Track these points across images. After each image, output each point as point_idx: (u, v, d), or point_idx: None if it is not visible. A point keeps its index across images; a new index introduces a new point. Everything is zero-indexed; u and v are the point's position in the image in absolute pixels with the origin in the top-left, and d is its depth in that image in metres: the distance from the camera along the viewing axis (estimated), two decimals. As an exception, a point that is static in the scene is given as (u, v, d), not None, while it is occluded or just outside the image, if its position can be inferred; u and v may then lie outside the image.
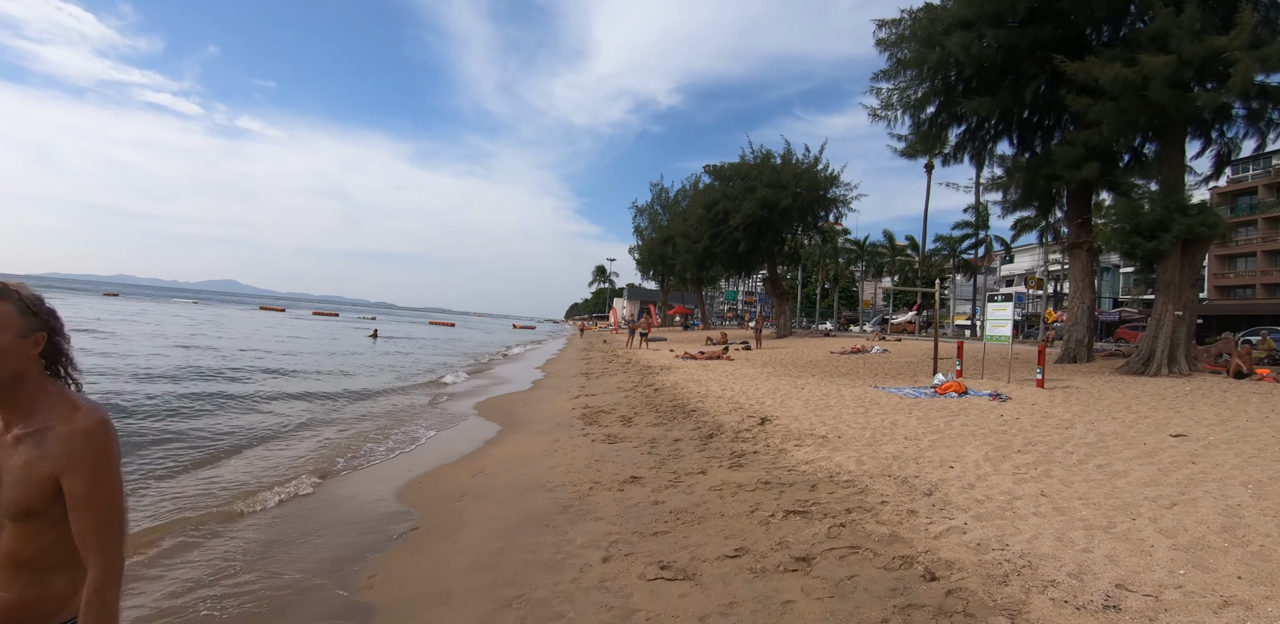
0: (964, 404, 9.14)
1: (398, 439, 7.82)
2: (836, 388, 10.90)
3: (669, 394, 10.42)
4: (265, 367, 15.40)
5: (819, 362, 17.75)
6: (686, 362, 18.23)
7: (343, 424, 8.90)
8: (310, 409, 9.96)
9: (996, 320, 11.55)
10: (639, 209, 54.24)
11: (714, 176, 34.76)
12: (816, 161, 33.14)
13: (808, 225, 35.17)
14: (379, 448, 7.23)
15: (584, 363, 19.94)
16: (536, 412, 9.88)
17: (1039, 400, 9.41)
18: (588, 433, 7.60)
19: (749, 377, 13.13)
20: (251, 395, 10.89)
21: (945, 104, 18.77)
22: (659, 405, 9.25)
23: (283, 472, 6.13)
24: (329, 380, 13.97)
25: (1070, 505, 4.25)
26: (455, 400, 11.60)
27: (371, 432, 8.27)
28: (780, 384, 11.48)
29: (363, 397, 11.72)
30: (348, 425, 8.81)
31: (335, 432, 8.33)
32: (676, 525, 4.13)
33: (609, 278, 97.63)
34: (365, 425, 8.76)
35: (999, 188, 18.79)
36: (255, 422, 8.70)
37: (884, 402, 9.33)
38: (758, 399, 9.48)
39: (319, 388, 12.43)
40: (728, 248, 33.40)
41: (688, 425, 7.57)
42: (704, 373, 14.29)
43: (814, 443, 6.39)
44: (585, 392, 11.86)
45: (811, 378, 12.93)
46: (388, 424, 8.93)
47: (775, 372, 14.57)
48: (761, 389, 10.58)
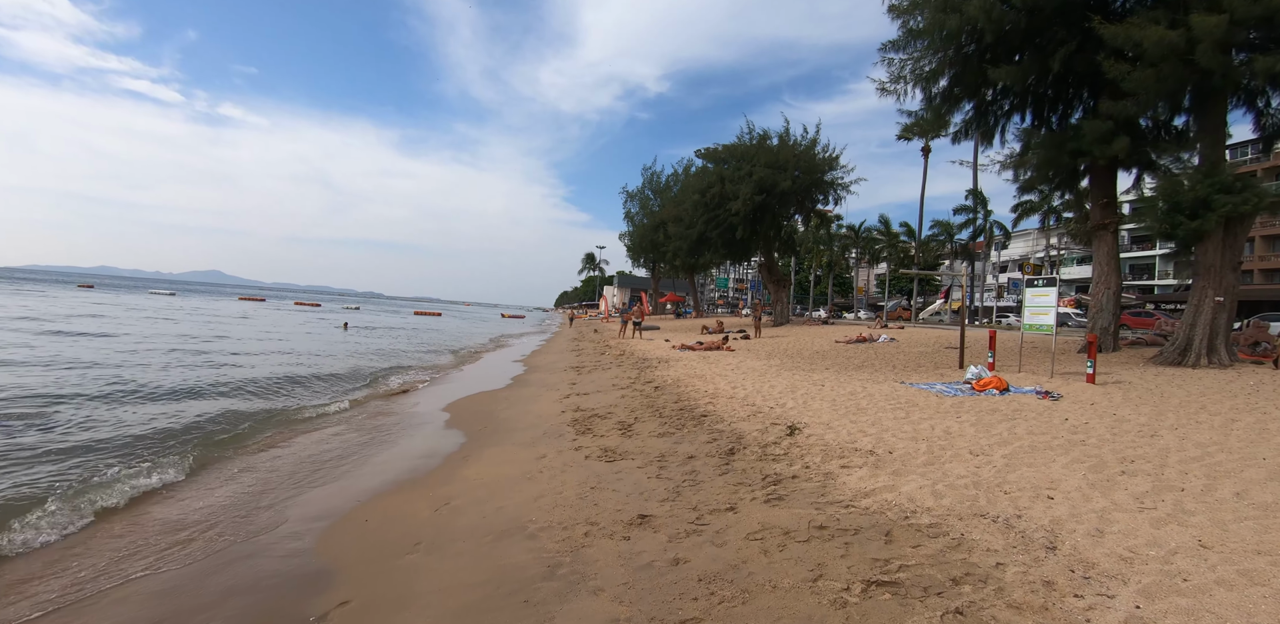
0: (1013, 404, 7.95)
1: (339, 451, 6.49)
2: (860, 384, 9.68)
3: (672, 393, 9.15)
4: (184, 360, 13.70)
5: (826, 352, 16.55)
6: (684, 353, 16.99)
7: (263, 432, 7.55)
8: (230, 408, 8.58)
9: (1037, 307, 10.34)
10: (629, 194, 52.64)
11: (708, 159, 33.29)
12: (814, 143, 31.81)
13: (805, 210, 33.88)
14: (308, 469, 5.90)
15: (574, 355, 18.64)
16: (519, 415, 8.58)
17: (1096, 399, 8.24)
18: (580, 445, 6.32)
19: (757, 371, 11.89)
20: (123, 393, 9.23)
21: (960, 76, 17.46)
22: (662, 408, 7.98)
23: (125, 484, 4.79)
24: (265, 371, 12.52)
25: (1254, 565, 3.03)
26: (423, 400, 10.27)
27: (304, 447, 6.92)
28: (795, 380, 10.24)
29: (298, 394, 10.35)
30: (270, 434, 7.46)
31: (248, 456, 6.98)
32: (711, 606, 2.86)
33: (598, 265, 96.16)
34: (298, 442, 7.40)
35: (1017, 166, 17.53)
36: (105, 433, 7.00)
37: (920, 401, 8.11)
38: (775, 399, 8.23)
39: (250, 381, 11.01)
40: (723, 233, 32.05)
41: (701, 436, 6.30)
42: (706, 366, 13.04)
43: (863, 462, 5.14)
44: (576, 390, 10.56)
45: (826, 372, 11.72)
46: (334, 432, 7.59)
47: (784, 364, 13.35)
48: (777, 386, 9.33)
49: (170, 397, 9.32)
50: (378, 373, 13.82)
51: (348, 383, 12.13)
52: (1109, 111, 13.97)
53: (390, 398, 10.53)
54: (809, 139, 31.92)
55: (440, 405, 9.67)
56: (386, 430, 7.82)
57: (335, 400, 9.78)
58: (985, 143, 21.00)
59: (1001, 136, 19.83)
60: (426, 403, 9.96)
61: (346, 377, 12.95)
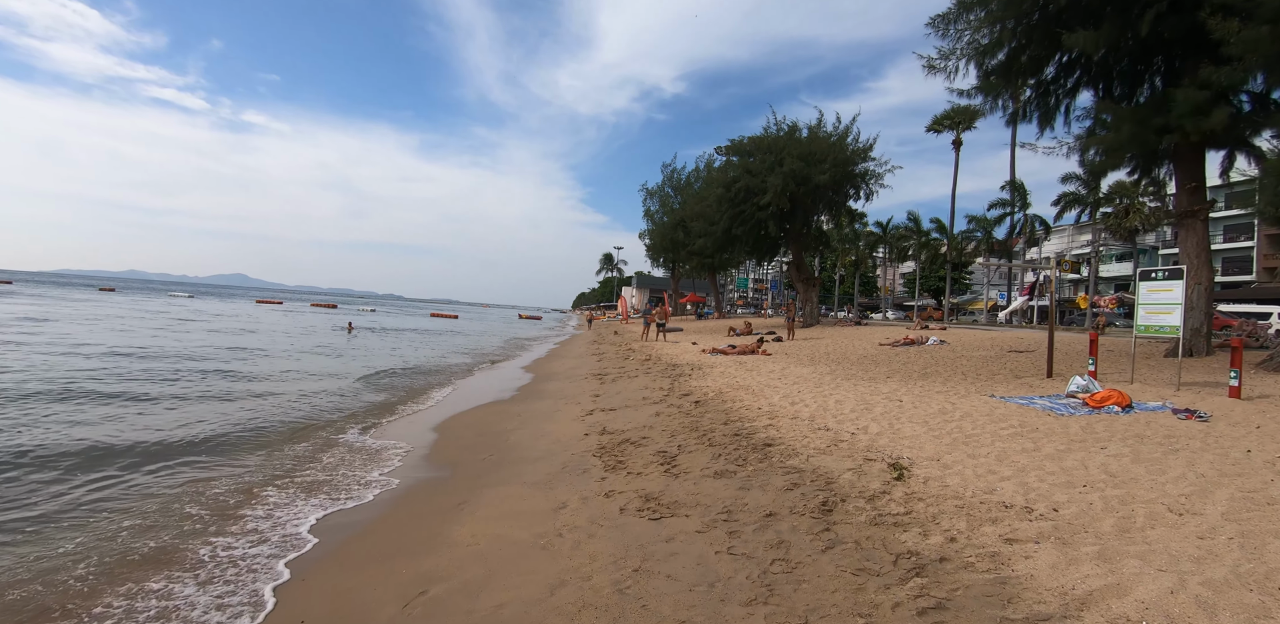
0: (1153, 427, 6.23)
1: (286, 494, 5.00)
2: (943, 398, 7.99)
3: (718, 410, 7.54)
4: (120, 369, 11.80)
5: (875, 357, 14.81)
6: (717, 358, 15.36)
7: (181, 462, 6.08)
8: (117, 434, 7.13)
9: (1156, 305, 8.55)
10: (649, 192, 51.02)
11: (734, 152, 31.55)
12: (846, 133, 29.90)
13: (836, 204, 31.96)
14: (231, 530, 4.39)
15: (595, 359, 17.09)
16: (532, 439, 7.04)
17: (1257, 419, 6.48)
18: (611, 488, 4.75)
19: (810, 380, 10.22)
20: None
21: (1022, 48, 15.69)
22: (710, 431, 6.38)
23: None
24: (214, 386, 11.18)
25: None
26: (419, 411, 8.78)
27: (241, 486, 5.44)
28: (862, 392, 8.57)
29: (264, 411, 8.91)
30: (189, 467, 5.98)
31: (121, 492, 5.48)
32: None
33: (616, 266, 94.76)
34: (238, 477, 5.92)
35: (1092, 147, 15.56)
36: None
37: (1035, 422, 6.42)
38: (852, 421, 6.58)
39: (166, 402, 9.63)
40: (751, 230, 30.29)
41: (774, 477, 4.69)
42: (747, 374, 11.40)
43: (1031, 528, 3.49)
44: (600, 404, 9.00)
45: (889, 381, 10.02)
46: (284, 465, 6.10)
47: (835, 371, 11.66)
48: (845, 402, 7.67)
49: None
50: (368, 378, 12.41)
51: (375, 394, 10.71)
52: (1208, 79, 12.11)
53: (382, 412, 9.06)
54: (840, 130, 30.03)
55: (433, 422, 8.17)
56: (362, 463, 6.33)
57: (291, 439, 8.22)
58: (1044, 126, 18.99)
59: (1066, 117, 17.97)
60: (420, 418, 8.46)
61: (325, 394, 11.53)
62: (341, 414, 8.83)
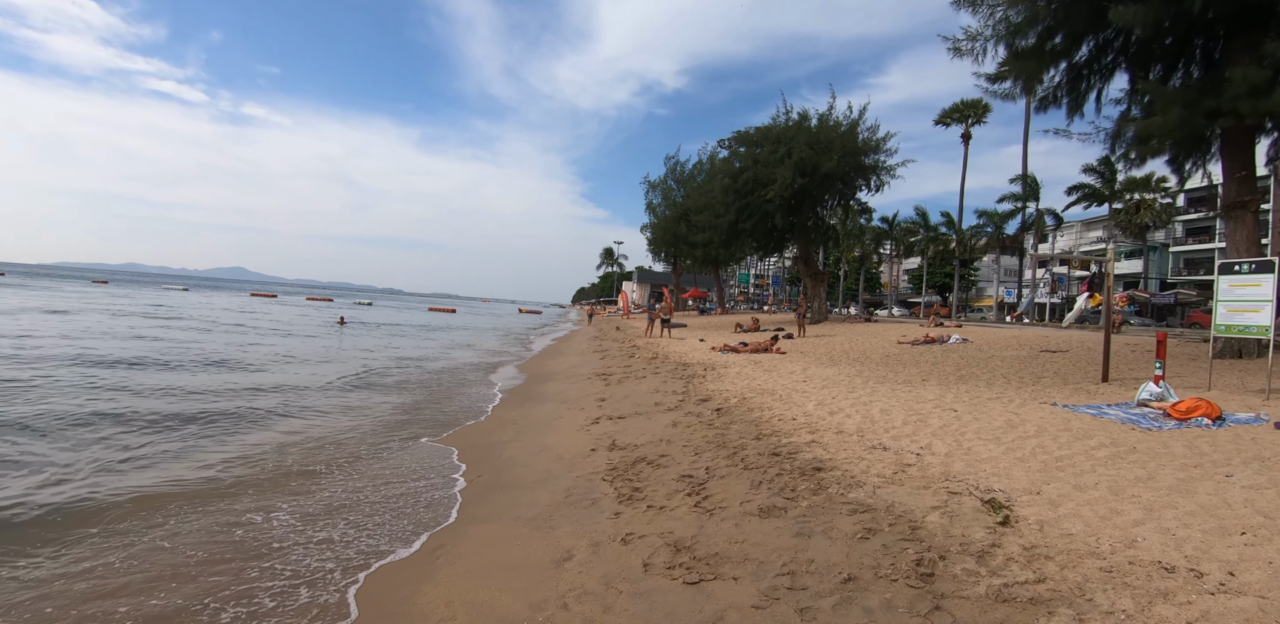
0: (1265, 445, 5.23)
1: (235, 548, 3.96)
2: (1000, 407, 6.96)
3: (744, 419, 6.52)
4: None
5: (899, 356, 13.80)
6: (729, 356, 14.35)
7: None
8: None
9: (1240, 302, 7.52)
10: (651, 184, 49.81)
11: (741, 142, 30.42)
12: (856, 125, 28.73)
13: (845, 197, 30.85)
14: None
15: (598, 357, 16.07)
16: (529, 454, 6.02)
17: (1387, 436, 5.48)
18: (630, 531, 3.73)
19: (837, 382, 9.20)
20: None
21: (1059, 24, 14.64)
22: (740, 448, 5.37)
23: None
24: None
25: None
26: (398, 425, 7.75)
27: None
28: (903, 398, 7.55)
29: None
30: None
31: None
32: None
33: (617, 261, 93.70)
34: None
35: (1139, 129, 14.48)
36: None
37: (1124, 439, 5.41)
38: (905, 434, 5.56)
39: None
40: (758, 222, 29.21)
41: (838, 517, 3.67)
42: (767, 376, 10.38)
43: (1216, 607, 2.51)
44: (607, 410, 7.97)
45: (927, 385, 9.01)
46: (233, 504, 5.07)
47: (862, 372, 10.64)
48: (891, 412, 6.64)
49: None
50: (354, 377, 11.39)
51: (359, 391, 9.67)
52: (1274, 54, 11.08)
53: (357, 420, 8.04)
54: (850, 120, 28.87)
55: (405, 428, 7.15)
56: (323, 475, 5.31)
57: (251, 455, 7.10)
58: (1074, 112, 17.90)
59: (1098, 102, 16.91)
60: (387, 421, 7.44)
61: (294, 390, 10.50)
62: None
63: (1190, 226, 54.73)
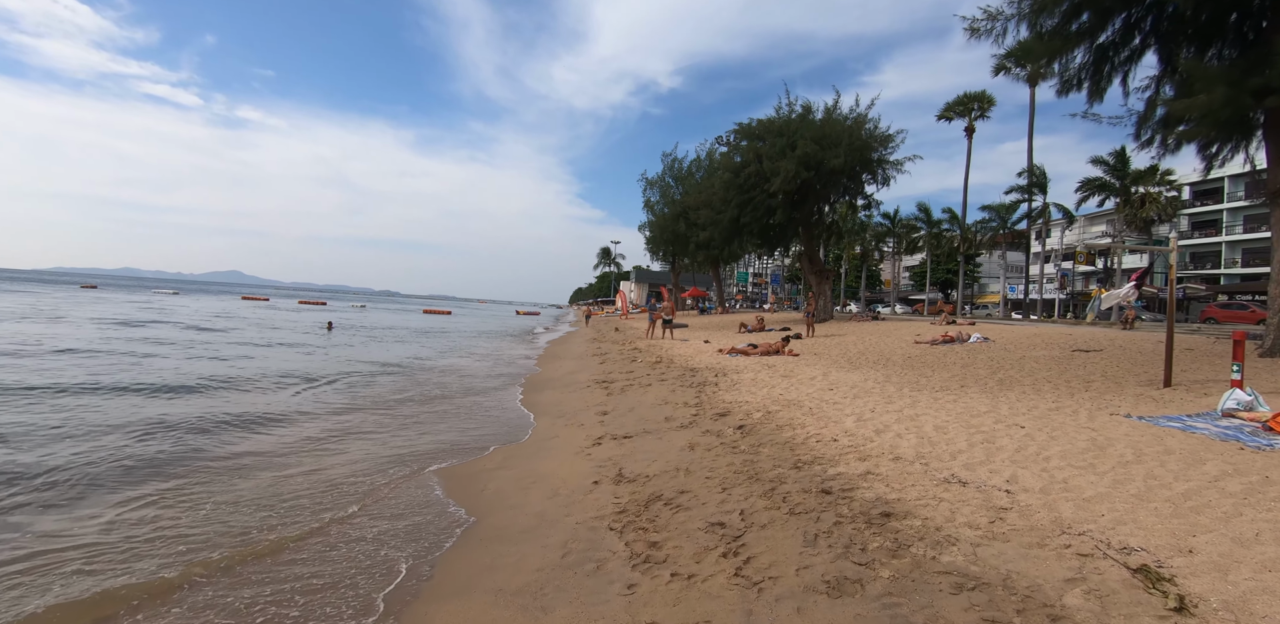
0: None
1: None
2: (1070, 420, 5.96)
3: (774, 440, 5.51)
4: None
5: (923, 358, 12.81)
6: (738, 359, 13.35)
7: None
8: None
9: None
10: (649, 182, 48.73)
11: (743, 135, 29.42)
12: (863, 119, 27.73)
13: (851, 191, 29.86)
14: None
15: (598, 361, 15.04)
16: (518, 488, 4.98)
17: None
18: (646, 612, 2.73)
19: (869, 390, 8.19)
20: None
21: (1083, 4, 13.69)
22: (778, 480, 4.36)
23: None
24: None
25: None
26: (354, 449, 6.71)
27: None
28: (951, 410, 6.54)
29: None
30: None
31: None
32: None
33: (614, 260, 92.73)
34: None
35: (1180, 111, 13.48)
36: None
37: (1248, 465, 4.41)
38: (978, 461, 4.56)
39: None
40: (760, 218, 28.23)
41: (939, 597, 2.66)
42: (785, 382, 9.36)
43: None
44: (610, 427, 6.96)
45: (968, 391, 8.01)
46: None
47: (889, 377, 9.64)
48: (947, 429, 5.63)
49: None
50: (331, 379, 10.34)
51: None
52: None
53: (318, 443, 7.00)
54: (856, 114, 27.88)
55: (387, 454, 6.12)
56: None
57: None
58: (1095, 97, 16.91)
59: (1124, 85, 15.94)
60: (360, 453, 6.40)
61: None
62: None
63: (1196, 220, 53.90)
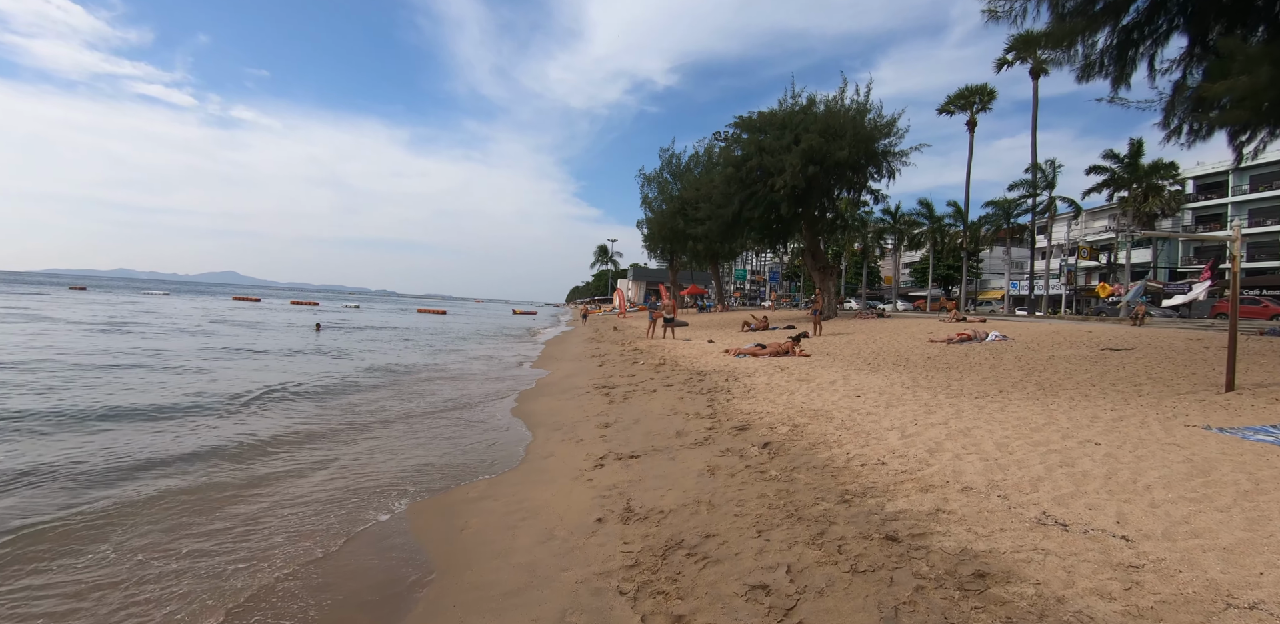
0: None
1: None
2: (1147, 434, 5.13)
3: (809, 463, 4.67)
4: None
5: (944, 358, 11.98)
6: (745, 360, 12.52)
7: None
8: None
9: None
10: (647, 177, 47.81)
11: (744, 129, 28.55)
12: (865, 108, 26.91)
13: (856, 185, 29.00)
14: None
15: (597, 364, 14.18)
16: (505, 528, 4.10)
17: None
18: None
19: (900, 398, 7.34)
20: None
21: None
22: (823, 518, 3.52)
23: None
24: None
25: None
26: (313, 479, 5.84)
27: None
28: (1006, 421, 5.70)
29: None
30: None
31: None
32: None
33: (611, 259, 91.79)
34: None
35: (1220, 93, 12.65)
36: None
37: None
38: (1066, 493, 3.72)
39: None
40: (763, 213, 27.38)
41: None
42: (803, 387, 8.51)
43: None
44: (614, 444, 6.09)
45: (1009, 397, 7.17)
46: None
47: (915, 381, 8.80)
48: (1011, 447, 4.79)
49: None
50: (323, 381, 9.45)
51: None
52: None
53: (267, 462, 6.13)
54: (858, 104, 27.06)
55: (349, 485, 5.24)
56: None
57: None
58: (1119, 83, 16.03)
59: (1150, 69, 15.13)
60: (314, 484, 5.52)
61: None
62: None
63: (1200, 214, 53.28)
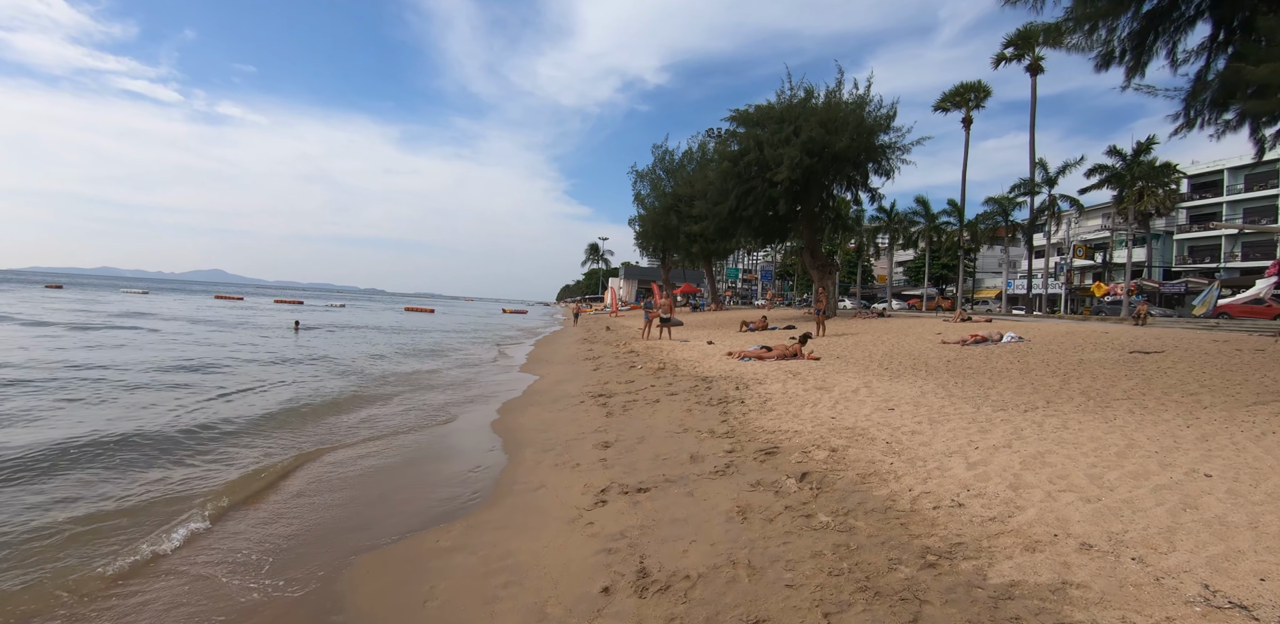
0: None
1: None
2: (1255, 459, 4.28)
3: (860, 502, 3.73)
4: None
5: (966, 362, 11.12)
6: (750, 364, 11.61)
7: None
8: None
9: None
10: (639, 174, 46.88)
11: (741, 122, 27.68)
12: (864, 101, 26.10)
13: (855, 182, 28.18)
14: None
15: (591, 367, 13.21)
16: (476, 602, 3.13)
17: None
18: None
19: (944, 412, 6.44)
20: None
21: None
22: (905, 592, 2.61)
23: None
24: None
25: None
26: (218, 535, 4.84)
27: None
28: (1074, 442, 4.81)
29: None
30: None
31: None
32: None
33: (603, 257, 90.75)
34: None
35: (1263, 77, 11.84)
36: None
37: None
38: (1217, 552, 2.84)
39: None
40: (761, 209, 26.52)
41: None
42: (825, 397, 7.60)
43: None
44: (615, 471, 5.12)
45: (1060, 408, 6.30)
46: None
47: (950, 390, 7.92)
48: (1108, 481, 3.87)
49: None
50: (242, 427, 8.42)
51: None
52: None
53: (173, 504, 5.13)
54: (856, 97, 26.25)
55: (284, 531, 4.26)
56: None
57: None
58: (1134, 71, 15.19)
59: (1171, 57, 14.38)
60: (236, 534, 4.52)
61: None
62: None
63: (1195, 213, 53.07)
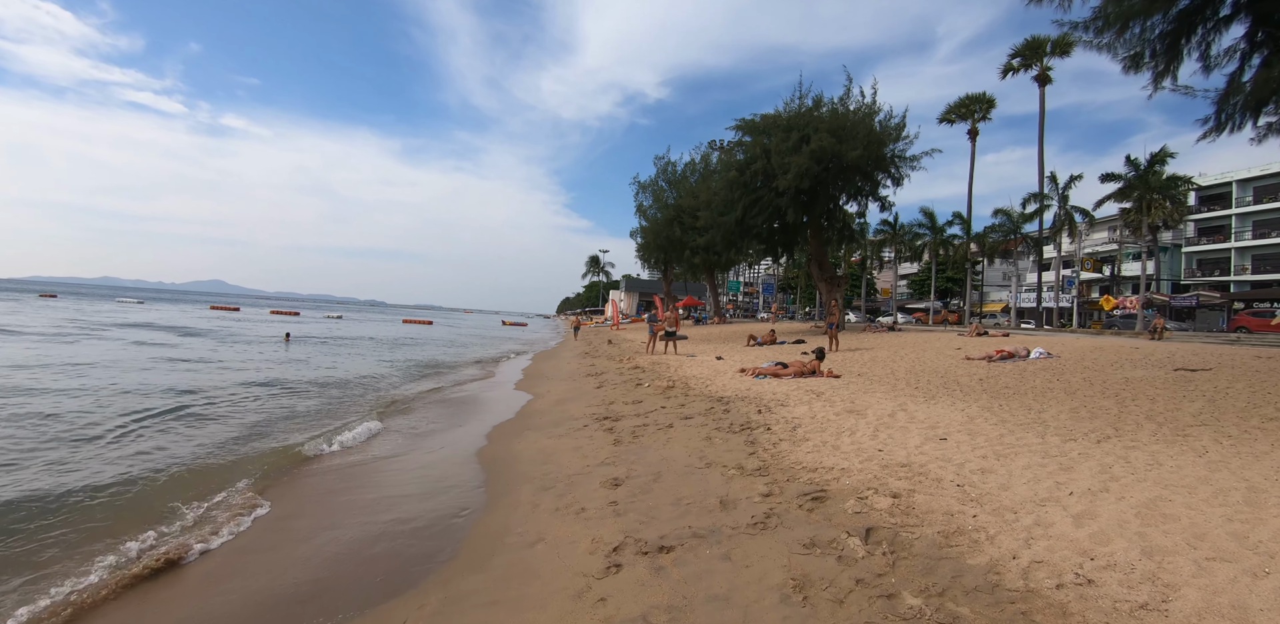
0: None
1: None
2: None
3: (951, 572, 2.88)
4: None
5: (1000, 380, 10.23)
6: (766, 382, 10.73)
7: None
8: None
9: None
10: (641, 185, 46.27)
11: (747, 131, 27.03)
12: (873, 110, 25.47)
13: (864, 192, 27.47)
14: None
15: (594, 384, 12.30)
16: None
17: None
18: None
19: (1007, 443, 5.55)
20: None
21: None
22: None
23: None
24: None
25: None
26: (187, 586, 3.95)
27: None
28: (1186, 485, 3.91)
29: None
30: None
31: None
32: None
33: (603, 269, 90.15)
34: None
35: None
36: None
37: None
38: None
39: None
40: (768, 220, 25.77)
41: None
42: (865, 425, 6.72)
43: None
44: (629, 522, 4.21)
45: (1132, 438, 5.43)
46: None
47: (999, 414, 7.03)
48: (1250, 536, 3.03)
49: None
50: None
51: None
52: None
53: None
54: (864, 106, 25.64)
55: (246, 587, 3.38)
56: None
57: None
58: (1164, 75, 14.45)
59: (1205, 57, 13.70)
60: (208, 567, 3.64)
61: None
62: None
63: (1203, 226, 52.46)
